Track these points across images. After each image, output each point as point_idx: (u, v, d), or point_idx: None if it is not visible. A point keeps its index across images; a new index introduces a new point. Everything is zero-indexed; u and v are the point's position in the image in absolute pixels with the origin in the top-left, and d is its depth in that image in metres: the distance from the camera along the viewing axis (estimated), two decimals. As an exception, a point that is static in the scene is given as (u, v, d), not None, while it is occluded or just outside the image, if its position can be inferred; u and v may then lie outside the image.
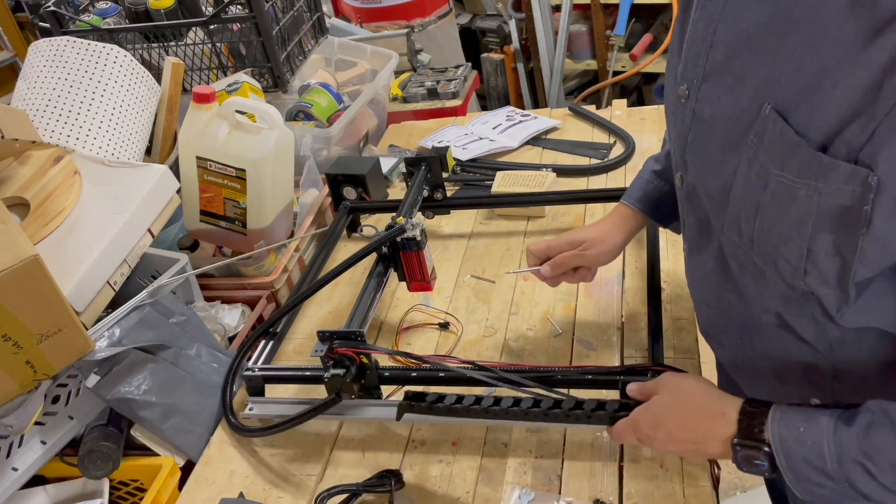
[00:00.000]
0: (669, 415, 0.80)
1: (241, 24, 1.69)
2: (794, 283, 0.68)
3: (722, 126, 0.69)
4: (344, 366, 1.02)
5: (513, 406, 0.94)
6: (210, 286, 1.42)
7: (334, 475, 1.05)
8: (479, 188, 1.64)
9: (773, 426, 0.70)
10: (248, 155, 1.35)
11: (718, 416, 0.74)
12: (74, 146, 1.34)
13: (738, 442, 0.72)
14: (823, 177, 0.60)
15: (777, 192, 0.64)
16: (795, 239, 0.64)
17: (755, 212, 0.67)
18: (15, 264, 0.92)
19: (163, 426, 1.11)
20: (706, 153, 0.73)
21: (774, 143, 0.63)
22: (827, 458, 0.66)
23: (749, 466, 0.72)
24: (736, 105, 0.67)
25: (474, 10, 3.64)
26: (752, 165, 0.66)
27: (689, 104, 0.74)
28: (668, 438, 0.79)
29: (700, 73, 0.71)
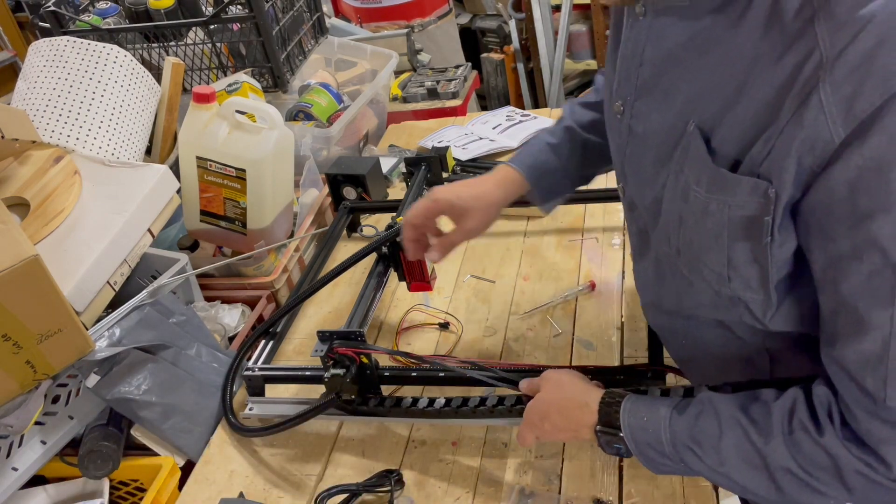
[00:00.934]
0: (551, 407, 0.88)
1: (241, 24, 1.69)
2: (721, 289, 0.72)
3: (654, 141, 0.73)
4: (344, 366, 1.02)
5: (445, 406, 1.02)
6: (210, 286, 1.42)
7: (334, 475, 1.05)
8: (479, 188, 1.64)
9: (623, 416, 0.80)
10: (248, 155, 1.35)
11: (584, 407, 0.84)
12: (74, 146, 1.34)
13: (599, 429, 0.82)
14: (730, 191, 0.64)
15: (694, 205, 0.68)
16: (715, 249, 0.69)
17: (679, 223, 0.72)
18: (15, 264, 0.92)
19: (163, 426, 1.11)
20: (641, 167, 0.76)
21: (695, 159, 0.66)
22: (665, 444, 0.76)
23: (611, 449, 0.82)
24: (665, 121, 0.70)
25: (474, 10, 3.64)
26: (678, 179, 0.69)
27: (624, 119, 0.77)
28: (554, 428, 0.87)
29: (633, 90, 0.74)
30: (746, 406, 0.73)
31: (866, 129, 0.54)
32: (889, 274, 0.57)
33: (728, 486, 0.76)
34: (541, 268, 1.37)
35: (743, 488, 0.74)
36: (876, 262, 0.57)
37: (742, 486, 0.74)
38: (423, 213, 1.02)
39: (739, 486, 0.74)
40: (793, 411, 0.69)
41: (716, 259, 0.69)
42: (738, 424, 0.72)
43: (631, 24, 0.73)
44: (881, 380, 0.61)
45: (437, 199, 1.00)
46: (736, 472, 0.72)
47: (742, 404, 0.73)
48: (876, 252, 0.57)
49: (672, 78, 0.69)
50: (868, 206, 0.56)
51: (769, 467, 0.70)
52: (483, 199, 1.01)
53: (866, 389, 0.62)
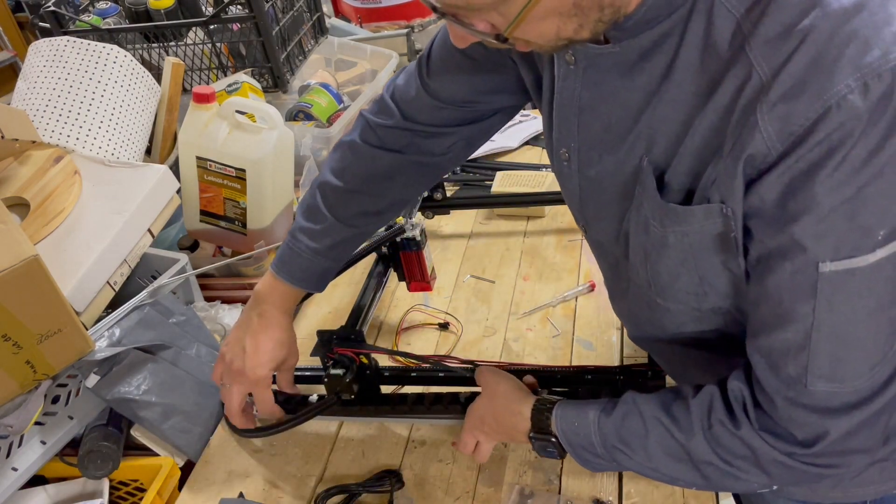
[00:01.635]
0: (486, 412, 0.93)
1: (241, 24, 1.68)
2: (700, 305, 0.75)
3: (609, 181, 0.74)
4: (344, 366, 1.02)
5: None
6: (210, 286, 1.42)
7: (334, 475, 1.05)
8: (478, 188, 1.64)
9: (555, 422, 0.84)
10: (248, 155, 1.35)
11: (517, 415, 0.88)
12: (74, 146, 1.34)
13: (532, 435, 0.86)
14: (685, 222, 0.66)
15: (654, 238, 0.70)
16: (683, 273, 0.72)
17: (644, 257, 0.74)
18: (15, 264, 0.92)
19: (163, 426, 1.11)
20: (602, 206, 0.78)
21: (649, 196, 0.69)
22: (596, 446, 0.80)
23: (545, 453, 0.87)
24: (618, 161, 0.71)
25: (474, 10, 3.63)
26: (639, 214, 0.71)
27: (573, 166, 0.78)
28: (493, 431, 0.92)
29: (575, 135, 0.75)
30: (668, 405, 0.77)
31: (801, 141, 0.56)
32: (811, 271, 0.60)
33: (659, 478, 0.80)
34: (541, 268, 1.37)
35: (672, 479, 0.79)
36: (799, 260, 0.60)
37: (671, 478, 0.78)
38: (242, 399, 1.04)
39: (669, 477, 0.78)
40: (710, 408, 0.73)
41: (687, 281, 0.73)
42: (660, 424, 0.76)
43: (564, 75, 0.73)
44: (803, 367, 0.64)
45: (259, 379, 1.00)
46: (664, 466, 0.77)
47: (664, 403, 0.77)
48: (799, 251, 0.60)
49: (619, 120, 0.69)
50: (794, 210, 0.59)
51: (693, 461, 0.74)
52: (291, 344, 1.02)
53: (788, 376, 0.66)
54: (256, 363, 0.99)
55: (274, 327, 1.00)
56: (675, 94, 0.64)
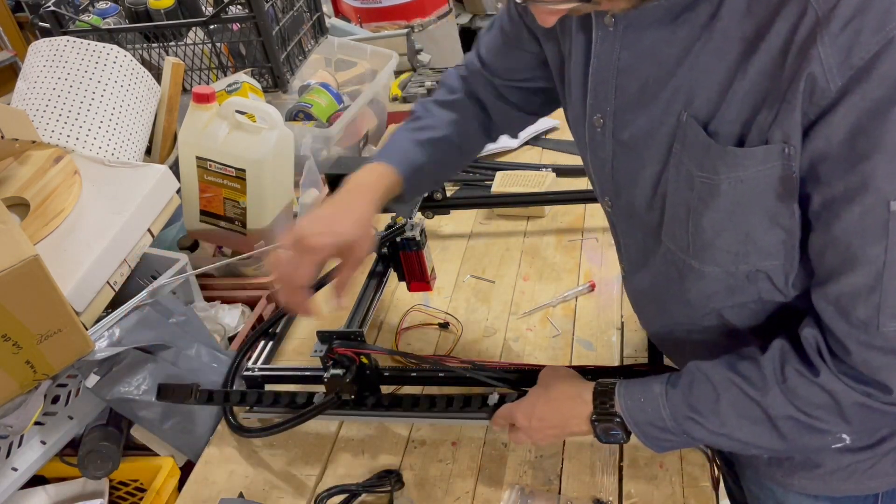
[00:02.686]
0: (539, 400, 0.90)
1: (241, 24, 1.68)
2: (737, 268, 0.73)
3: (644, 144, 0.73)
4: (344, 366, 1.02)
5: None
6: (210, 286, 1.42)
7: (334, 475, 1.05)
8: (479, 188, 1.64)
9: (619, 401, 0.82)
10: (248, 155, 1.35)
11: (577, 399, 0.86)
12: (74, 146, 1.34)
13: (595, 418, 0.83)
14: (740, 166, 0.65)
15: (702, 190, 0.69)
16: (729, 228, 0.70)
17: (687, 214, 0.72)
18: (15, 264, 0.92)
19: (163, 426, 1.11)
20: (636, 172, 0.76)
21: (693, 146, 0.68)
22: (665, 419, 0.78)
23: (608, 437, 0.84)
24: (653, 121, 0.71)
25: (474, 10, 3.64)
26: (679, 171, 0.70)
27: (606, 132, 0.77)
28: (541, 424, 0.88)
29: (612, 99, 0.75)
30: (735, 365, 0.75)
31: (864, 75, 0.56)
32: (881, 211, 0.60)
33: (730, 446, 0.78)
34: (541, 268, 1.37)
35: (745, 444, 0.77)
36: (869, 201, 0.60)
37: (744, 443, 0.76)
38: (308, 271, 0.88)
39: (742, 442, 0.76)
40: (783, 360, 0.72)
41: (730, 238, 0.70)
42: (731, 384, 0.74)
43: (602, 38, 0.73)
44: (874, 308, 0.64)
45: (316, 247, 0.87)
46: (737, 430, 0.75)
47: (731, 364, 0.76)
48: (869, 192, 0.59)
49: (655, 78, 0.70)
50: (864, 148, 0.58)
51: (771, 418, 0.72)
52: (363, 223, 0.91)
53: (859, 320, 0.65)
54: (321, 228, 0.88)
55: (357, 205, 0.91)
56: (719, 43, 0.64)
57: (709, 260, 0.74)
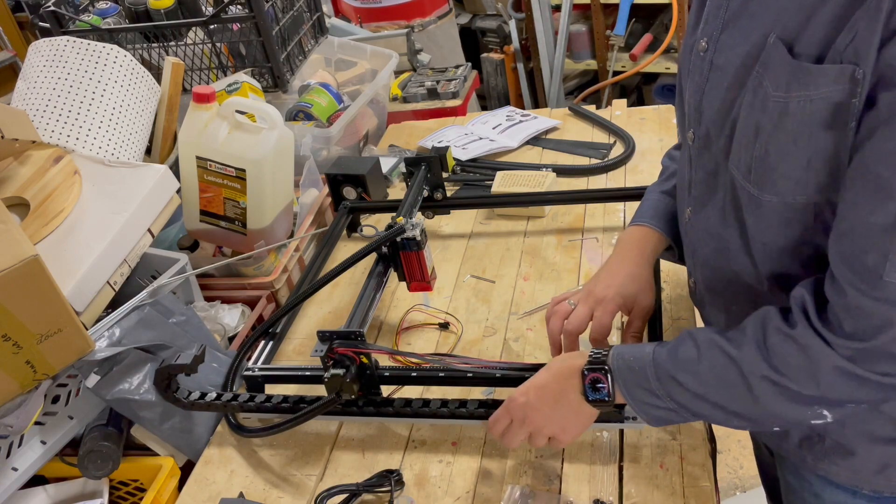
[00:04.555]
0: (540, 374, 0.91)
1: (241, 24, 1.69)
2: (794, 199, 0.73)
3: (734, 67, 0.75)
4: (344, 366, 1.02)
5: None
6: (210, 286, 1.42)
7: (334, 475, 1.05)
8: (479, 188, 1.64)
9: (611, 361, 0.84)
10: (248, 155, 1.35)
11: (574, 356, 0.88)
12: (74, 146, 1.34)
13: (586, 368, 0.85)
14: (812, 84, 0.66)
15: (773, 111, 0.70)
16: (793, 152, 0.70)
17: (755, 136, 0.73)
18: (15, 264, 0.92)
19: (163, 426, 1.11)
20: (719, 97, 0.78)
21: (774, 66, 0.69)
22: (651, 380, 0.79)
23: (594, 392, 0.85)
24: (747, 44, 0.73)
25: (474, 10, 3.64)
26: (756, 93, 0.72)
27: (707, 56, 0.80)
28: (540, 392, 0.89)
29: (720, 24, 0.78)
30: (723, 330, 0.78)
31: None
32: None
33: (710, 413, 0.79)
34: (541, 268, 1.37)
35: (721, 409, 0.77)
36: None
37: (720, 407, 0.77)
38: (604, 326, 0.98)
39: (718, 407, 0.77)
40: (765, 320, 0.74)
41: (793, 164, 0.71)
42: (713, 345, 0.76)
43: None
44: (883, 256, 0.64)
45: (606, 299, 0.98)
46: (714, 392, 0.77)
47: (719, 330, 0.78)
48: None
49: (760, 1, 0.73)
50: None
51: (745, 377, 0.74)
52: (642, 279, 1.00)
53: (865, 267, 0.65)
54: (606, 284, 0.99)
55: (628, 262, 1.01)
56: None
57: (769, 187, 0.74)
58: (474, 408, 1.02)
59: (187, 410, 1.11)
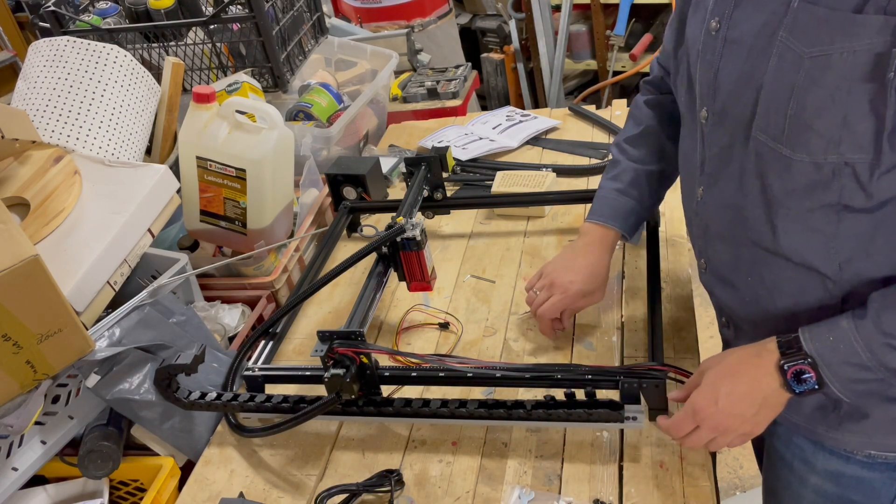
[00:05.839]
0: (717, 378, 0.86)
1: (241, 24, 1.69)
2: (826, 158, 0.74)
3: (751, 39, 0.77)
4: (344, 366, 1.02)
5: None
6: (210, 286, 1.42)
7: (334, 475, 1.05)
8: (479, 188, 1.64)
9: (807, 346, 0.79)
10: (248, 155, 1.35)
11: (761, 352, 0.82)
12: (74, 146, 1.34)
13: (784, 363, 0.80)
14: (856, 35, 0.67)
15: (811, 68, 0.71)
16: (830, 108, 0.71)
17: (789, 97, 0.74)
18: (15, 264, 0.92)
19: (163, 426, 1.11)
20: (737, 69, 0.79)
21: (806, 28, 0.70)
22: (860, 353, 0.76)
23: (800, 384, 0.79)
24: (764, 14, 0.75)
25: (474, 10, 3.64)
26: (783, 58, 0.73)
27: (720, 34, 0.81)
28: (730, 398, 0.83)
29: (732, 2, 0.80)
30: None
31: None
32: None
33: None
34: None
35: None
36: None
37: None
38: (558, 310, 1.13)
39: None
40: None
41: (828, 121, 0.72)
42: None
43: None
44: None
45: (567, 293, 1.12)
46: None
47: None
48: None
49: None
50: None
51: None
52: (602, 276, 1.13)
53: None
54: (570, 277, 1.12)
55: (591, 256, 1.13)
56: None
57: (801, 146, 0.75)
58: (474, 408, 1.02)
59: (187, 410, 1.11)
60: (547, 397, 1.00)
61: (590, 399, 0.98)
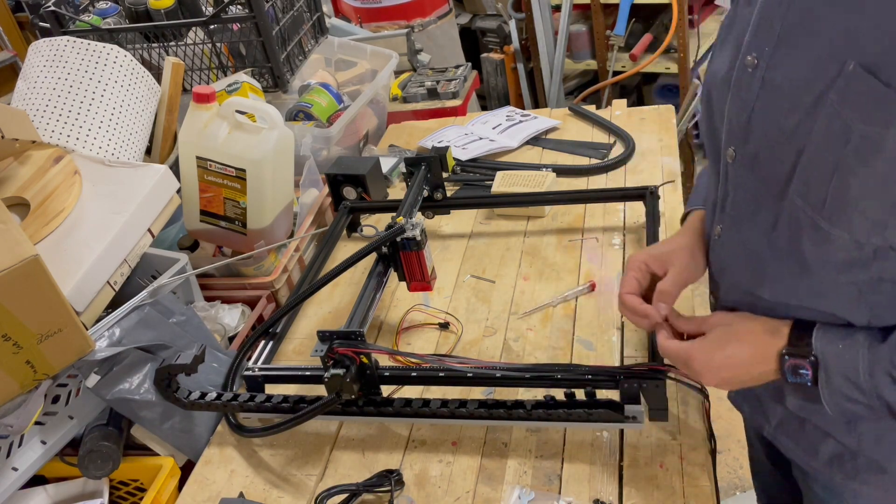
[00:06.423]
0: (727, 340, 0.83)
1: (241, 24, 1.69)
2: (869, 240, 0.70)
3: (795, 89, 0.69)
4: (344, 366, 1.02)
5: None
6: (210, 286, 1.42)
7: (334, 475, 1.05)
8: (479, 188, 1.64)
9: (816, 343, 0.76)
10: (248, 155, 1.35)
11: (774, 332, 0.80)
12: (74, 146, 1.34)
13: (786, 351, 0.78)
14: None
15: (861, 146, 0.64)
16: (878, 193, 0.66)
17: (832, 171, 0.67)
18: (15, 264, 0.92)
19: (163, 426, 1.11)
20: (776, 119, 0.72)
21: (860, 98, 0.63)
22: (860, 371, 0.73)
23: (795, 376, 0.78)
24: (812, 66, 0.67)
25: (474, 10, 3.64)
26: (831, 124, 0.66)
27: (757, 72, 0.74)
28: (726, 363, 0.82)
29: (773, 38, 0.71)
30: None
31: None
32: None
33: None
34: (541, 268, 1.37)
35: None
36: None
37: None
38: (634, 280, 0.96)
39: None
40: None
41: (876, 204, 0.67)
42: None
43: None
44: None
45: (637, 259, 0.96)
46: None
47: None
48: None
49: (824, 17, 0.66)
50: None
51: None
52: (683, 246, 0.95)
53: None
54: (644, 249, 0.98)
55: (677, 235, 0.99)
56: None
57: (843, 224, 0.70)
58: (474, 408, 1.02)
59: (187, 410, 1.11)
60: (547, 397, 1.00)
61: (590, 399, 0.98)
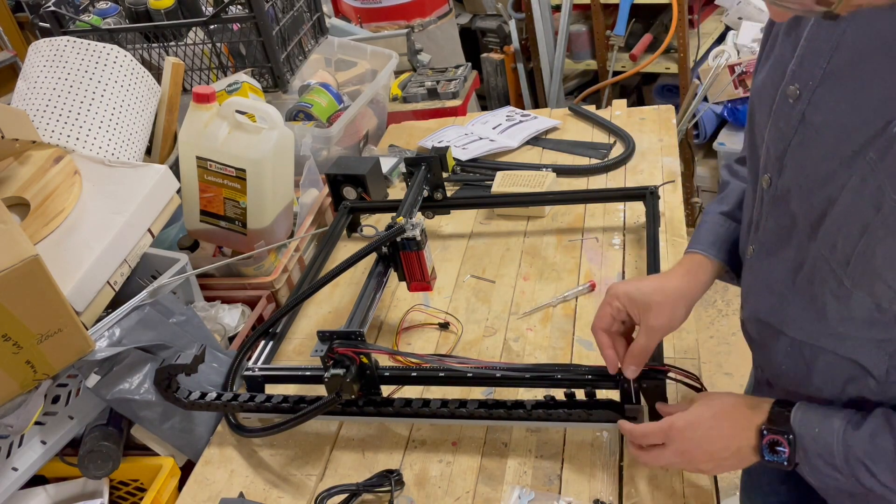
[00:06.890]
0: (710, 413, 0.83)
1: (241, 24, 1.69)
2: (891, 306, 0.68)
3: (834, 134, 0.66)
4: (344, 366, 1.02)
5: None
6: (210, 286, 1.42)
7: (334, 475, 1.05)
8: (479, 188, 1.64)
9: (794, 423, 0.77)
10: (248, 155, 1.35)
11: (755, 407, 0.81)
12: (74, 146, 1.34)
13: (766, 427, 0.78)
14: None
15: (891, 216, 0.62)
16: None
17: (860, 233, 0.65)
18: (15, 264, 0.92)
19: (163, 426, 1.11)
20: (812, 160, 0.69)
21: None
22: (836, 456, 0.74)
23: (772, 454, 0.78)
24: (856, 115, 0.64)
25: (474, 10, 3.64)
26: (865, 184, 0.63)
27: (798, 106, 0.70)
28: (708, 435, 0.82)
29: (818, 74, 0.68)
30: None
31: None
32: None
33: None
34: (541, 268, 1.37)
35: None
36: None
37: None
38: (608, 315, 0.92)
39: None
40: None
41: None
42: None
43: None
44: None
45: (615, 294, 0.91)
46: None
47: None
48: None
49: (876, 68, 0.62)
50: None
51: None
52: (666, 292, 0.90)
53: None
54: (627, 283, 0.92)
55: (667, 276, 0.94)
56: None
57: (864, 287, 0.68)
58: (474, 408, 1.02)
59: (187, 410, 1.11)
60: (547, 397, 1.00)
61: (590, 399, 0.98)
